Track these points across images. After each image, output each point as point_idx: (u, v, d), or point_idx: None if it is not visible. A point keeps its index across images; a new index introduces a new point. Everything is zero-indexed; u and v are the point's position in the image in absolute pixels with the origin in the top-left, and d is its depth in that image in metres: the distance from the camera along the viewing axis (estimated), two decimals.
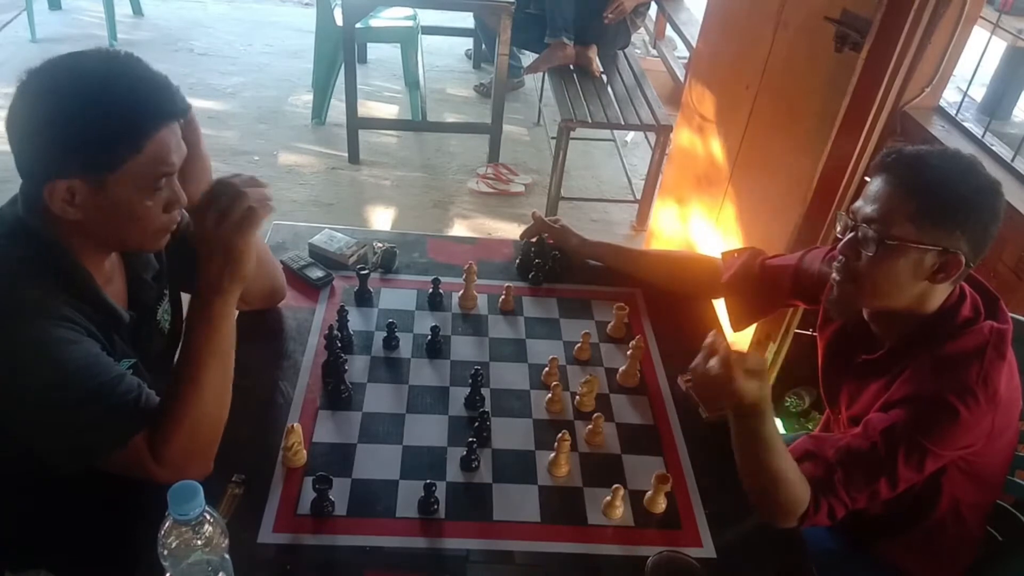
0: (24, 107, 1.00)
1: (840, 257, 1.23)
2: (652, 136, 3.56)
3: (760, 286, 1.57)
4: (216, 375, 1.10)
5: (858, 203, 1.22)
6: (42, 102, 0.99)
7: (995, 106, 3.14)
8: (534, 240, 1.73)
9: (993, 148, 1.95)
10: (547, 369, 1.43)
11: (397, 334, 1.47)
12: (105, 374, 1.04)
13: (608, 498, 1.20)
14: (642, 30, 4.61)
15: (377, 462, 1.24)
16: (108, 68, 1.02)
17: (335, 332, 1.38)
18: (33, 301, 1.02)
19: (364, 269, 1.56)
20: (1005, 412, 1.20)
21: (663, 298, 1.67)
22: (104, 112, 0.98)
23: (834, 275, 1.25)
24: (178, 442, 1.05)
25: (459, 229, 3.39)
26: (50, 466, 1.03)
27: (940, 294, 1.20)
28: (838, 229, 1.26)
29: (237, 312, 1.44)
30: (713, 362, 1.09)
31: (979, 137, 1.99)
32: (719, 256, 1.67)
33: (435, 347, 1.46)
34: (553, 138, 3.60)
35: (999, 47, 3.06)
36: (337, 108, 3.92)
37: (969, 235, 1.14)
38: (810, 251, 1.53)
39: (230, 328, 1.13)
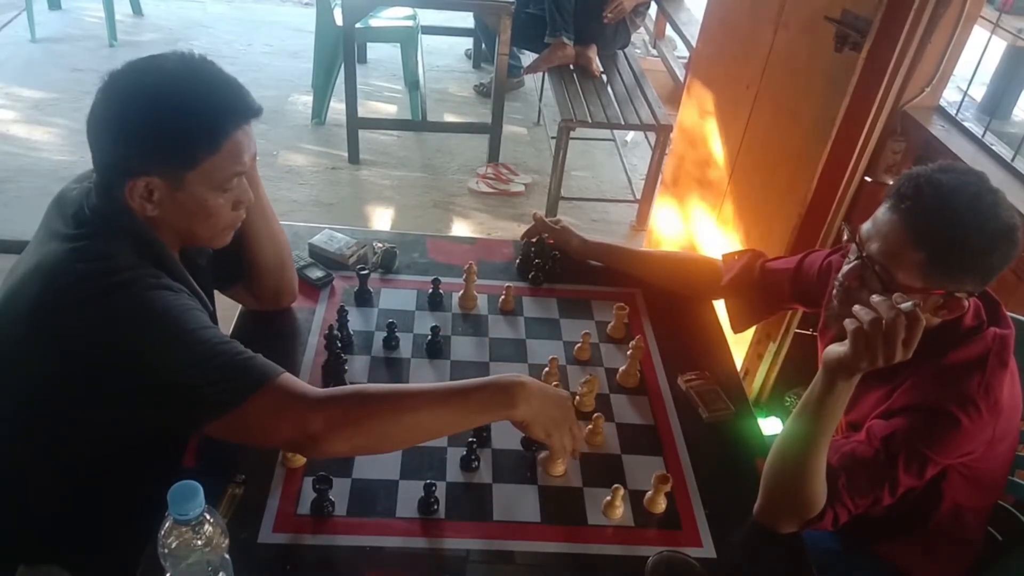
0: (106, 108, 1.04)
1: (842, 280, 1.21)
2: (652, 136, 3.56)
3: (760, 288, 1.57)
4: (430, 418, 1.10)
5: (867, 228, 1.18)
6: (124, 103, 1.03)
7: (995, 106, 3.15)
8: (534, 240, 1.72)
9: (993, 148, 1.95)
10: (547, 369, 1.43)
11: (397, 334, 1.47)
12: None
13: (608, 498, 1.19)
14: (642, 30, 4.61)
15: (377, 462, 1.24)
16: (186, 70, 1.06)
17: (335, 332, 1.38)
18: (150, 274, 1.06)
19: (364, 269, 1.55)
20: (1006, 419, 1.20)
21: (663, 298, 1.67)
22: (185, 113, 1.03)
23: (835, 292, 1.23)
24: (360, 419, 1.06)
25: (459, 229, 3.39)
26: (186, 426, 1.06)
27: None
28: (844, 238, 1.24)
29: (248, 311, 1.49)
30: (881, 307, 1.00)
31: (979, 137, 1.99)
32: (720, 258, 1.67)
33: (435, 347, 1.46)
34: (553, 138, 3.60)
35: (999, 47, 3.06)
36: (337, 108, 3.91)
37: (977, 279, 1.13)
38: (809, 254, 1.53)
39: (472, 416, 1.14)
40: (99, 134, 1.06)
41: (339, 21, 3.47)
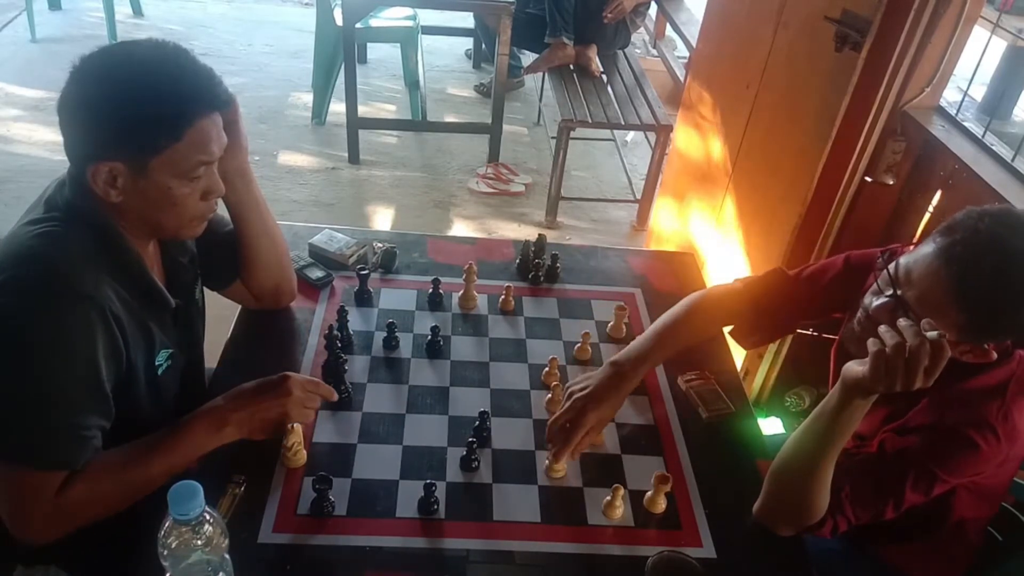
0: (73, 91, 1.03)
1: (871, 313, 1.14)
2: (652, 136, 3.56)
3: (793, 296, 1.43)
4: (149, 474, 1.11)
5: (906, 265, 1.11)
6: (89, 86, 1.03)
7: (995, 106, 3.16)
8: (534, 240, 1.72)
9: (993, 148, 1.95)
10: (547, 369, 1.43)
11: (397, 334, 1.47)
12: (89, 400, 1.05)
13: (608, 498, 1.20)
14: (642, 30, 4.61)
15: (377, 462, 1.24)
16: (154, 57, 1.05)
17: (335, 332, 1.38)
18: (84, 288, 1.03)
19: (364, 269, 1.55)
20: (1021, 445, 1.19)
21: (663, 298, 1.66)
22: (145, 99, 1.02)
23: (859, 317, 1.18)
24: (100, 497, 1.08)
25: (459, 229, 3.39)
26: None
27: None
28: (878, 264, 1.17)
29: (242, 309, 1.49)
30: (907, 331, 0.96)
31: (979, 137, 1.99)
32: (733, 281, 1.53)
33: (435, 347, 1.46)
34: (553, 138, 3.60)
35: (999, 47, 3.07)
36: (337, 108, 3.91)
37: (1012, 341, 1.12)
38: (850, 255, 1.41)
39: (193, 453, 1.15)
40: (66, 117, 1.05)
41: (339, 21, 3.47)
